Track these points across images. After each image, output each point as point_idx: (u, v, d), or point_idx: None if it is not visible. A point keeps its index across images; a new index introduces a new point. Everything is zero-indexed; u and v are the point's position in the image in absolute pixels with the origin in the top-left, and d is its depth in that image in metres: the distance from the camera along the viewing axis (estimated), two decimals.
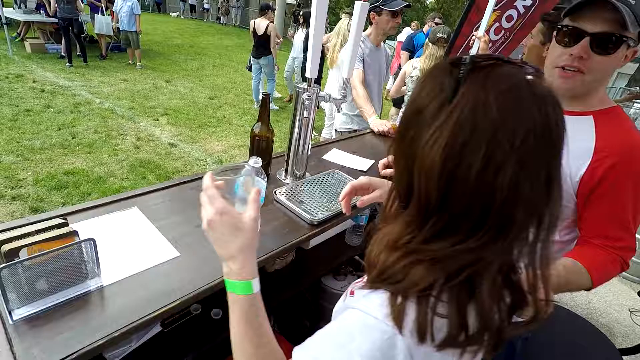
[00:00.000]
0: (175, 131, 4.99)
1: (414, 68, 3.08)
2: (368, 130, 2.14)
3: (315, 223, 1.14)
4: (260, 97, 1.23)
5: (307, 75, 1.11)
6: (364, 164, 1.65)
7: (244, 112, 6.18)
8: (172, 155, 4.33)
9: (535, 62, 1.48)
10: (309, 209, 1.19)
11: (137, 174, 3.76)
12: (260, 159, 0.97)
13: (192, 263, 0.93)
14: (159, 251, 0.95)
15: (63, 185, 3.35)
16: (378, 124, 2.09)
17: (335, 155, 1.68)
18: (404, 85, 3.15)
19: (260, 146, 1.31)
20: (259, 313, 0.60)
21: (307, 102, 1.16)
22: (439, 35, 2.98)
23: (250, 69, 6.44)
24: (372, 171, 1.60)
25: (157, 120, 5.26)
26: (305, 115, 1.19)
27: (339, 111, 1.39)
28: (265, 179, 1.01)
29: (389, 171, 1.48)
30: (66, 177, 3.48)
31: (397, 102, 4.90)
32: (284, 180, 1.39)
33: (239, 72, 9.02)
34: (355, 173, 1.55)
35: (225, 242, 0.59)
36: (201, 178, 0.63)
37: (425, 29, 5.46)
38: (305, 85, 1.24)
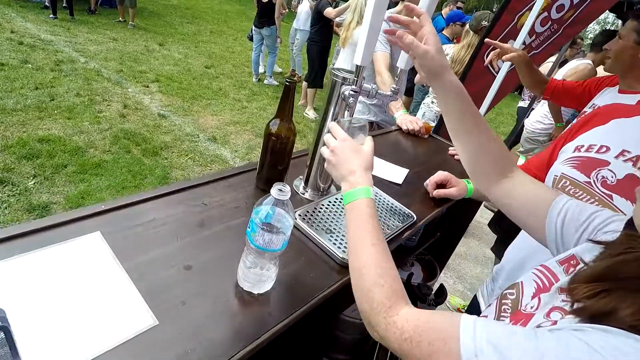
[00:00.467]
0: (166, 101, 4.58)
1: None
2: (394, 128, 1.82)
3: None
4: (285, 83, 0.91)
5: (358, 62, 0.79)
6: (398, 174, 1.34)
7: (242, 86, 5.76)
8: (161, 127, 3.95)
9: (628, 65, 1.18)
10: (341, 242, 0.89)
11: (121, 147, 3.39)
12: (287, 189, 0.66)
13: (178, 337, 0.62)
14: (126, 316, 0.62)
15: (35, 154, 2.97)
16: (407, 121, 1.78)
17: None
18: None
19: (277, 149, 0.99)
20: (375, 215, 0.66)
21: (350, 100, 0.84)
22: (484, 23, 2.64)
23: (251, 38, 5.97)
24: (406, 184, 1.30)
25: (147, 87, 4.83)
26: (346, 117, 0.87)
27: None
28: (292, 216, 0.70)
29: (443, 192, 1.19)
30: (40, 145, 3.09)
31: (408, 91, 4.55)
32: (303, 194, 1.08)
33: (238, 40, 8.48)
34: (387, 187, 1.25)
35: (346, 161, 0.71)
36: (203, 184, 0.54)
37: (445, 12, 5.05)
38: (348, 74, 0.92)
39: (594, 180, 0.92)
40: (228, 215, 0.90)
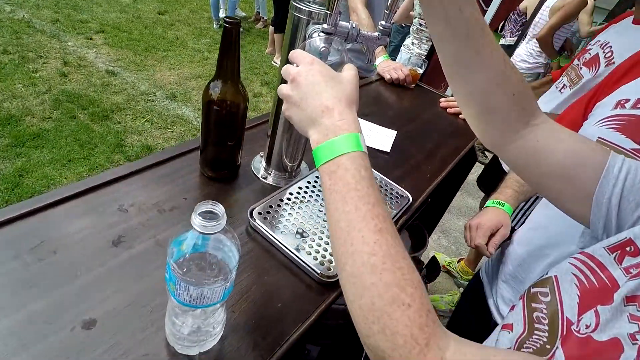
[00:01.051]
0: (114, 55, 4.03)
1: None
2: (374, 77, 1.54)
3: (333, 279, 0.62)
4: (223, 25, 0.61)
5: None
6: (385, 138, 1.09)
7: (201, 33, 5.17)
8: (111, 86, 3.48)
9: None
10: (318, 249, 0.66)
11: (64, 112, 2.96)
12: (220, 211, 0.40)
13: None
14: None
15: None
16: (390, 69, 1.50)
17: None
18: (412, 7, 2.45)
19: (223, 120, 0.71)
20: (372, 178, 0.41)
21: (322, 47, 0.56)
22: None
23: None
24: (395, 150, 1.06)
25: (91, 39, 4.22)
26: (316, 41, 0.59)
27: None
28: (236, 245, 0.44)
29: (498, 240, 0.96)
30: None
31: None
32: (264, 178, 0.82)
33: None
34: (373, 157, 1.00)
35: (316, 92, 0.45)
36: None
37: None
38: (316, 7, 0.63)
39: None
40: (159, 222, 0.65)
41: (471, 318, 1.10)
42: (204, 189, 0.74)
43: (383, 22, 0.68)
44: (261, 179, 0.81)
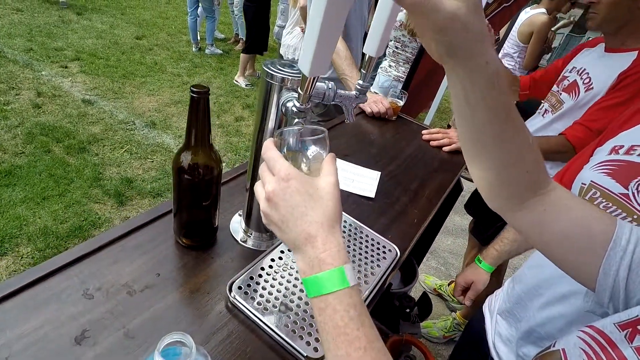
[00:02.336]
0: (91, 83, 3.95)
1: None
2: (355, 112, 1.52)
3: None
4: (191, 95, 0.58)
5: (305, 71, 0.45)
6: (369, 181, 1.07)
7: (181, 57, 5.14)
8: (88, 116, 3.39)
9: (624, 20, 1.19)
10: (306, 327, 0.61)
11: (38, 146, 2.86)
12: (188, 342, 0.36)
13: None
14: None
15: None
16: (371, 102, 1.48)
17: None
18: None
19: (197, 188, 0.67)
20: (364, 316, 0.39)
21: (295, 121, 0.52)
22: None
23: None
24: (380, 195, 1.03)
25: (66, 67, 4.13)
26: (293, 125, 0.54)
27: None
28: None
29: (473, 294, 1.20)
30: None
31: None
32: (244, 241, 0.78)
33: (171, 4, 7.58)
34: (358, 204, 0.97)
35: (297, 218, 0.43)
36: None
37: None
38: (289, 72, 0.59)
39: (633, 193, 0.69)
40: (128, 308, 0.59)
41: (473, 355, 1.08)
42: (180, 261, 0.69)
43: (361, 82, 0.66)
44: (241, 242, 0.77)
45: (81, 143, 3.02)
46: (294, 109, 0.52)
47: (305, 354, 0.58)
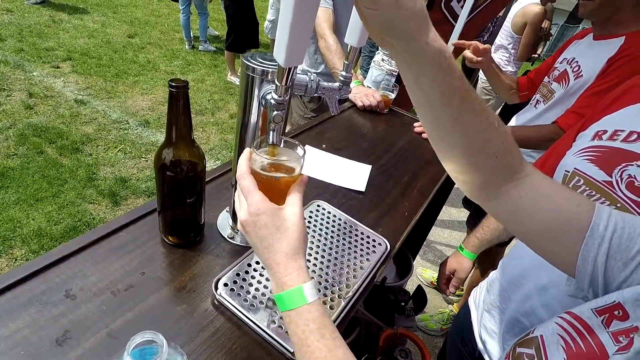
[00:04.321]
0: (83, 83, 3.91)
1: None
2: (347, 105, 1.51)
3: None
4: (169, 89, 0.57)
5: (281, 61, 0.44)
6: (359, 175, 1.06)
7: (174, 55, 5.10)
8: (81, 116, 3.36)
9: (615, 8, 1.19)
10: None
11: (30, 147, 2.84)
12: (159, 341, 0.35)
13: None
14: None
15: None
16: (362, 95, 1.47)
17: (311, 163, 1.06)
18: None
19: (181, 184, 0.66)
20: (324, 328, 0.44)
21: (274, 113, 0.51)
22: None
23: None
24: (370, 188, 1.02)
25: (58, 67, 4.10)
26: (271, 139, 0.54)
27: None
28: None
29: (457, 282, 1.16)
30: None
31: None
32: (231, 238, 0.77)
33: (163, 1, 7.50)
34: (349, 198, 0.96)
35: (265, 247, 0.49)
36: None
37: None
38: (269, 64, 0.58)
39: (617, 180, 0.68)
40: (112, 308, 0.59)
41: (461, 348, 1.08)
42: (165, 259, 0.69)
43: (344, 73, 0.64)
44: (228, 239, 0.76)
45: (74, 143, 3.00)
46: (272, 101, 0.51)
47: (292, 350, 0.57)
